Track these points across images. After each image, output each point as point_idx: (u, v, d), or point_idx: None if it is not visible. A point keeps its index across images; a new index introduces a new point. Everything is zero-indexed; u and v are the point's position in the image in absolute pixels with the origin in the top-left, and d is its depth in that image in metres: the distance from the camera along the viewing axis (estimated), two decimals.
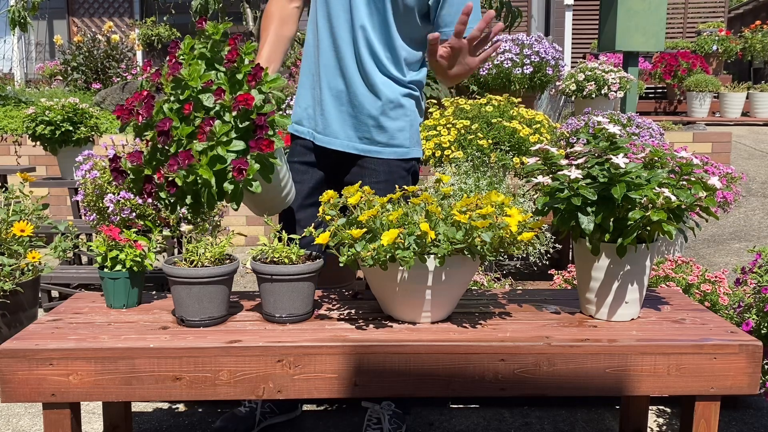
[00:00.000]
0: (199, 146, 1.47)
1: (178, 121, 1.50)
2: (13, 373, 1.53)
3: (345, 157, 1.97)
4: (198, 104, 1.51)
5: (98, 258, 1.79)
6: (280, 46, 1.98)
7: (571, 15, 9.73)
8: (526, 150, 4.03)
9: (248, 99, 1.48)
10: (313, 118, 1.99)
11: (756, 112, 7.77)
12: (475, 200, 1.68)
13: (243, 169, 1.47)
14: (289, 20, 2.00)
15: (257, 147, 1.48)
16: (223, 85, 1.51)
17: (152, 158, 1.54)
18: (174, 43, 1.58)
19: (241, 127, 1.50)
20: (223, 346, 1.56)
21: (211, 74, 1.52)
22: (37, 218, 2.79)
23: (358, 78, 1.90)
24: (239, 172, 1.47)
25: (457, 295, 1.70)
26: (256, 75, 1.52)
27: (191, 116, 1.50)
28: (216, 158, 1.48)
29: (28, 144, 5.37)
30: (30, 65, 10.80)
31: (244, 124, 1.50)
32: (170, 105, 1.51)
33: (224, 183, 1.49)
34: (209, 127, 1.47)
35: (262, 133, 1.48)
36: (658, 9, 5.26)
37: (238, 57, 1.53)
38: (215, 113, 1.50)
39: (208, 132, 1.47)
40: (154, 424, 2.21)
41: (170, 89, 1.53)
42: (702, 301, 2.40)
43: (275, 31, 1.98)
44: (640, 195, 1.58)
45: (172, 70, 1.53)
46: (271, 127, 1.52)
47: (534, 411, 2.31)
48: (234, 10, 6.94)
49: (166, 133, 1.49)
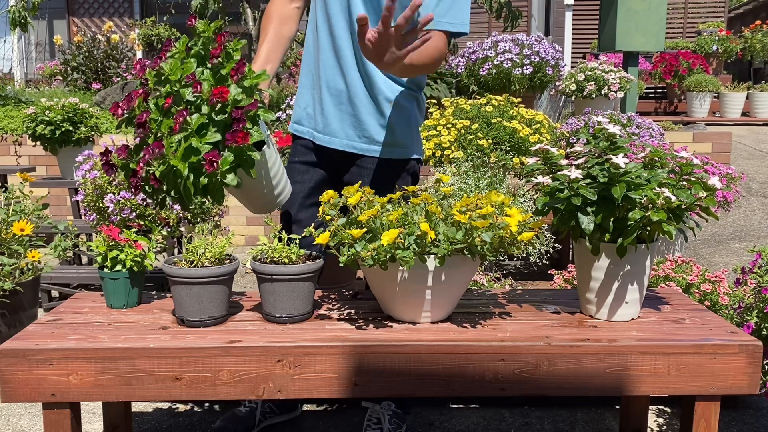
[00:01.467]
0: (176, 137, 1.48)
1: (157, 114, 1.51)
2: (13, 373, 1.53)
3: (345, 156, 1.97)
4: (180, 99, 1.52)
5: (98, 258, 1.79)
6: (279, 45, 1.97)
7: (571, 15, 9.73)
8: (526, 150, 4.03)
9: (223, 92, 1.49)
10: (312, 118, 1.99)
11: (756, 112, 7.77)
12: (475, 200, 1.68)
13: (214, 161, 1.45)
14: (289, 20, 2.00)
15: (233, 139, 1.47)
16: (207, 80, 1.52)
17: (137, 152, 1.55)
18: (168, 42, 1.59)
19: (218, 120, 1.50)
20: (223, 346, 1.56)
21: (192, 69, 1.54)
22: (37, 218, 2.79)
23: (358, 77, 1.90)
24: (210, 164, 1.45)
25: (457, 295, 1.70)
26: (238, 70, 1.53)
27: (172, 110, 1.51)
28: (190, 150, 1.47)
29: (28, 144, 5.37)
30: (30, 65, 10.81)
31: (220, 117, 1.50)
32: (154, 99, 1.53)
33: (200, 177, 1.49)
34: (182, 117, 1.47)
35: (238, 125, 1.48)
36: (658, 9, 5.26)
37: (222, 53, 1.54)
38: (195, 107, 1.51)
39: (182, 122, 1.47)
40: (154, 424, 2.21)
41: (153, 84, 1.55)
42: (702, 301, 2.40)
43: (274, 30, 1.98)
44: (640, 195, 1.58)
45: (152, 64, 1.56)
46: (252, 121, 1.52)
47: (534, 411, 2.31)
48: (234, 10, 6.94)
49: (143, 125, 1.51)
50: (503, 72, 5.49)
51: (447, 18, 1.83)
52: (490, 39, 5.73)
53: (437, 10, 1.82)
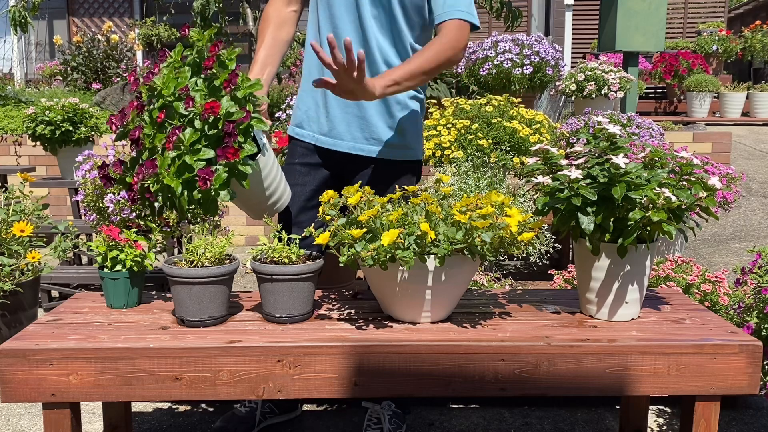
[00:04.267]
0: (170, 155, 1.48)
1: (150, 129, 1.51)
2: (13, 373, 1.53)
3: (350, 158, 1.97)
4: (173, 112, 1.51)
5: (98, 258, 1.79)
6: (276, 50, 1.96)
7: (571, 15, 9.73)
8: (526, 150, 4.03)
9: (215, 106, 1.48)
10: (316, 121, 1.98)
11: (756, 112, 7.77)
12: (475, 200, 1.68)
13: (207, 179, 1.46)
14: (286, 24, 1.99)
15: (223, 155, 1.48)
16: (201, 92, 1.51)
17: (132, 166, 1.56)
18: (163, 52, 1.59)
19: (210, 134, 1.49)
20: (223, 346, 1.56)
21: (186, 81, 1.53)
22: (37, 218, 2.79)
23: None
24: (204, 181, 1.46)
25: (457, 295, 1.70)
26: (231, 81, 1.52)
27: (165, 124, 1.50)
28: (184, 167, 1.48)
29: (28, 144, 5.37)
30: (30, 65, 10.80)
31: (212, 131, 1.49)
32: (147, 112, 1.53)
33: (194, 191, 1.49)
34: (175, 136, 1.47)
35: (229, 140, 1.48)
36: (658, 9, 5.26)
37: (215, 63, 1.53)
38: (188, 121, 1.50)
39: (175, 140, 1.47)
40: (154, 424, 2.21)
41: (146, 97, 1.55)
42: (702, 301, 2.40)
43: (272, 34, 1.97)
44: (640, 195, 1.58)
45: (145, 79, 1.55)
46: (245, 133, 1.51)
47: (534, 411, 2.31)
48: (234, 10, 6.94)
49: (136, 141, 1.52)
50: (503, 72, 5.49)
51: (461, 6, 1.83)
52: (490, 39, 5.73)
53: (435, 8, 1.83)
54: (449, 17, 1.82)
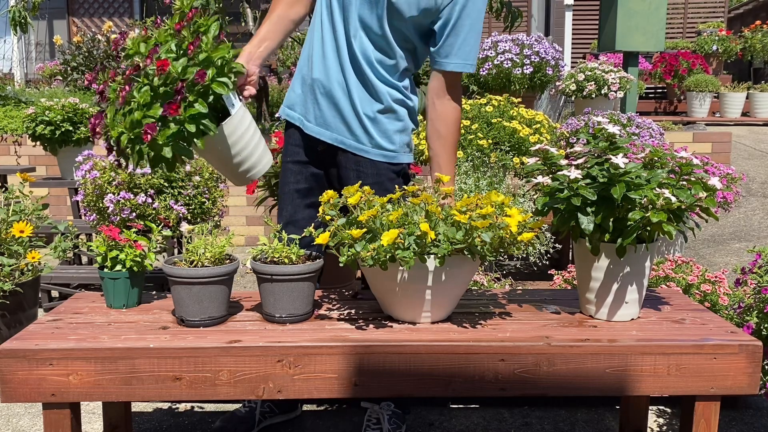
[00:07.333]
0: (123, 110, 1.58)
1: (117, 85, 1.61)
2: (13, 373, 1.53)
3: (332, 150, 1.96)
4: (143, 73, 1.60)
5: (98, 258, 1.79)
6: (280, 26, 1.95)
7: (571, 15, 9.73)
8: (526, 150, 4.03)
9: (164, 65, 1.55)
10: (304, 105, 1.98)
11: (756, 112, 7.77)
12: (475, 200, 1.68)
13: (149, 132, 1.53)
14: (298, 3, 1.98)
15: (167, 111, 1.54)
16: (170, 54, 1.59)
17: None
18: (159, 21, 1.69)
19: (161, 92, 1.55)
20: (223, 346, 1.56)
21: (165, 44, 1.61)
22: (37, 218, 2.79)
23: (354, 78, 1.90)
24: (146, 135, 1.54)
25: (457, 295, 1.70)
26: (194, 43, 1.58)
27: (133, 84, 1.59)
28: (135, 122, 1.55)
29: (28, 144, 5.36)
30: (30, 65, 10.80)
31: (163, 89, 1.56)
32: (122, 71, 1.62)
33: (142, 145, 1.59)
34: (125, 91, 1.57)
35: (175, 98, 1.54)
36: (658, 9, 5.26)
37: (184, 27, 1.61)
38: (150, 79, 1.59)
39: (125, 95, 1.56)
40: (154, 424, 2.21)
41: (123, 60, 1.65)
42: (702, 302, 2.40)
43: (280, 11, 1.95)
44: (639, 195, 1.58)
45: (114, 44, 1.69)
46: (202, 95, 1.56)
47: (534, 411, 2.31)
48: (234, 10, 6.94)
49: (101, 93, 1.64)
50: (503, 72, 5.49)
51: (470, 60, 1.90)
52: (490, 39, 5.73)
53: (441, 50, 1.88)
54: (460, 69, 1.89)
